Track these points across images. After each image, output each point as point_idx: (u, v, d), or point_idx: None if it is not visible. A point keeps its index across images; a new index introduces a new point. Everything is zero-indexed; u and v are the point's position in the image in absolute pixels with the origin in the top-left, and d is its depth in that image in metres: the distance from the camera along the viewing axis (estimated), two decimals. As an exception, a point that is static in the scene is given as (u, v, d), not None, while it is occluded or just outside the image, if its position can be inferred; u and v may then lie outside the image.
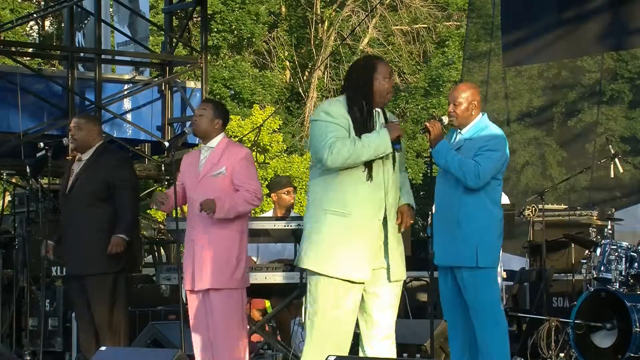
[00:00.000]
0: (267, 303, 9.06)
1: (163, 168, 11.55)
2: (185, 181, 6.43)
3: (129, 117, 11.59)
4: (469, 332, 6.04)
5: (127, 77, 12.12)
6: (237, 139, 22.81)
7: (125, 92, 11.60)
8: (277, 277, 7.43)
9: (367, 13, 29.67)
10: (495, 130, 6.09)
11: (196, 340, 6.33)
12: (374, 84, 5.10)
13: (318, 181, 5.11)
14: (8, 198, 11.60)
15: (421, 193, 33.34)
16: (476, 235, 5.91)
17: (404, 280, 5.27)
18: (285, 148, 28.03)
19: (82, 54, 12.24)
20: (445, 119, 6.04)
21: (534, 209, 9.15)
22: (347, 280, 5.01)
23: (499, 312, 6.08)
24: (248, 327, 6.74)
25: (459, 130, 6.07)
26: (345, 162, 4.96)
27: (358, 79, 5.15)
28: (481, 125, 6.04)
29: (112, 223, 7.02)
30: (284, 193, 8.61)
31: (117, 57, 12.70)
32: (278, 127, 27.58)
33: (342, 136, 4.99)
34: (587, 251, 8.06)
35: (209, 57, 13.20)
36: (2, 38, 15.66)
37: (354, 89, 5.13)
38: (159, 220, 14.73)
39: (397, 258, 5.14)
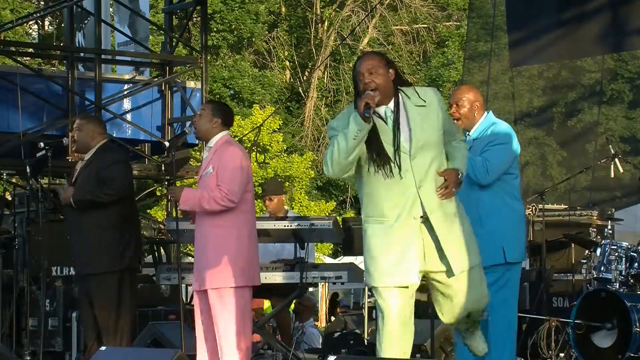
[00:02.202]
0: (267, 303, 9.07)
1: (163, 168, 11.55)
2: None
3: (128, 117, 11.59)
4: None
5: (127, 77, 12.12)
6: (237, 139, 22.82)
7: (125, 92, 11.59)
8: (277, 277, 7.44)
9: (367, 13, 29.68)
10: (503, 125, 6.15)
11: (198, 340, 6.34)
12: (358, 85, 4.94)
13: (361, 193, 4.98)
14: (8, 198, 11.58)
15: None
16: (501, 231, 5.90)
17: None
18: (285, 148, 28.04)
19: (82, 54, 12.23)
20: None
21: (534, 208, 9.16)
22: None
23: (515, 309, 6.08)
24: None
25: (467, 132, 6.09)
26: (336, 161, 4.78)
27: (353, 82, 5.05)
28: (488, 123, 6.07)
29: (115, 222, 7.01)
30: (267, 200, 8.64)
31: (117, 57, 12.69)
32: (278, 127, 27.59)
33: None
34: (587, 251, 8.07)
35: (208, 57, 13.19)
36: (2, 38, 15.67)
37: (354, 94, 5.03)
38: (159, 220, 14.73)
39: (455, 251, 4.90)
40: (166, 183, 11.91)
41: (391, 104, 4.88)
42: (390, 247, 4.85)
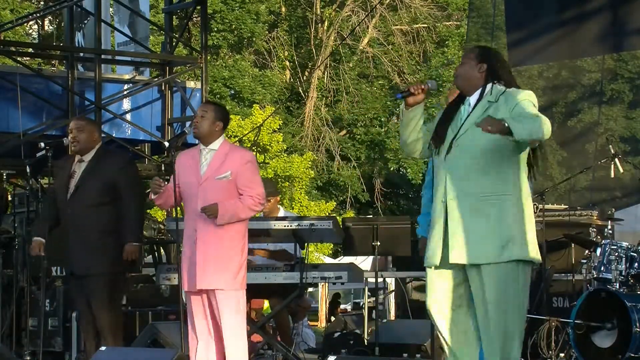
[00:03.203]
0: (267, 303, 9.05)
1: (163, 168, 11.54)
2: (181, 181, 6.39)
3: (128, 117, 11.59)
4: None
5: (127, 77, 12.12)
6: (237, 139, 22.82)
7: (125, 92, 11.59)
8: (277, 277, 7.44)
9: (367, 13, 29.67)
10: None
11: (192, 340, 6.33)
12: None
13: None
14: (8, 198, 11.59)
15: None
16: None
17: (405, 279, 5.17)
18: (285, 148, 28.03)
19: (82, 54, 12.23)
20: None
21: (535, 207, 9.15)
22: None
23: None
24: (248, 327, 6.74)
25: None
26: (400, 136, 5.18)
27: None
28: None
29: (116, 224, 7.02)
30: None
31: (117, 57, 12.69)
32: (278, 127, 27.58)
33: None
34: (587, 251, 8.05)
35: (209, 57, 13.19)
36: (2, 38, 15.64)
37: None
38: (159, 220, 14.73)
39: (459, 241, 4.96)
40: (166, 183, 11.89)
41: (473, 96, 5.09)
42: (430, 228, 5.11)
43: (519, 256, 4.97)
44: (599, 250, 7.61)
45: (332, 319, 18.42)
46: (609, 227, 8.25)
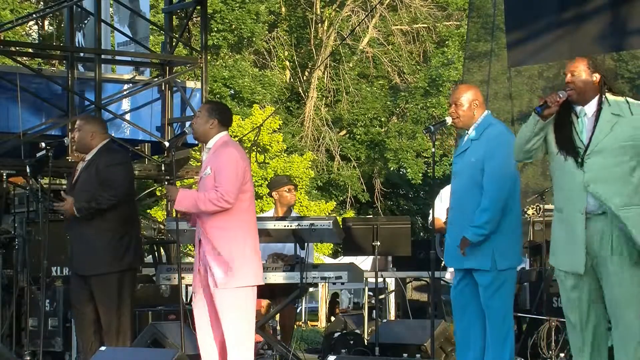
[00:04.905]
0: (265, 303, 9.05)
1: (163, 168, 11.55)
2: None
3: (128, 117, 11.60)
4: (483, 335, 6.00)
5: (127, 77, 12.12)
6: (237, 139, 22.82)
7: (125, 92, 11.59)
8: (277, 277, 7.44)
9: (367, 13, 29.67)
10: (500, 127, 6.18)
11: (201, 340, 6.33)
12: None
13: None
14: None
15: (421, 193, 33.34)
16: (493, 237, 5.94)
17: (405, 279, 5.18)
18: (285, 148, 28.04)
19: (82, 54, 12.24)
20: (449, 120, 6.08)
21: (537, 208, 9.15)
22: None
23: (511, 311, 6.08)
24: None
25: (466, 132, 6.10)
26: (516, 145, 5.22)
27: None
28: (485, 124, 6.07)
29: (115, 222, 7.01)
30: (286, 191, 8.58)
31: (117, 57, 12.70)
32: (278, 127, 27.58)
33: None
34: (587, 251, 8.03)
35: (209, 57, 13.19)
36: (2, 38, 15.63)
37: None
38: (159, 220, 14.73)
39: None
40: (166, 183, 11.91)
41: (588, 106, 5.18)
42: (555, 234, 5.21)
43: None
44: (599, 250, 7.59)
45: (332, 319, 18.41)
46: (609, 227, 8.22)
